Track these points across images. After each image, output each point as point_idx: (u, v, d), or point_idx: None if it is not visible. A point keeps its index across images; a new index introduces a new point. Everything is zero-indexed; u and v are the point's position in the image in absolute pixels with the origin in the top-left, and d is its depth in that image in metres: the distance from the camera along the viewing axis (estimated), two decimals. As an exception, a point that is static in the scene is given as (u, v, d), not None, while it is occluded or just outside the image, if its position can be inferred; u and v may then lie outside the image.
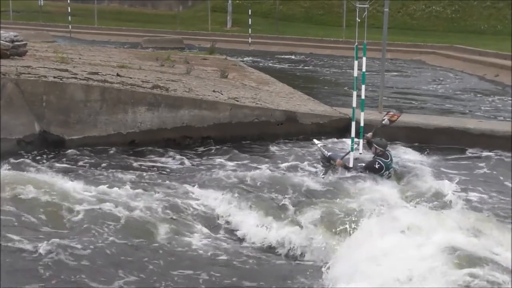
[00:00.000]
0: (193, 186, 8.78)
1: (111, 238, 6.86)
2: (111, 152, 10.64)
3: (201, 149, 11.07)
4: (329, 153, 10.35)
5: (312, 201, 8.24)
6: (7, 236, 6.63)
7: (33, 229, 6.93)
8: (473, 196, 8.91)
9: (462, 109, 16.05)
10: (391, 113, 10.24)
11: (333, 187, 8.87)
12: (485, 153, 11.05)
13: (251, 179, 9.02)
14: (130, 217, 7.35)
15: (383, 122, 10.18)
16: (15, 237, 6.62)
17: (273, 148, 11.23)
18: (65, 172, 9.15)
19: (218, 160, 10.42)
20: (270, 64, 25.87)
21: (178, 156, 10.58)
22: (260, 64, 25.06)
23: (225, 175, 9.22)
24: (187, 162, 10.33)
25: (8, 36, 13.08)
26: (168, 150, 10.84)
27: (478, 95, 18.52)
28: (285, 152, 11.02)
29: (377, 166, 9.18)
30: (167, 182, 9.00)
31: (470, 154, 11.11)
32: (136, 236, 6.99)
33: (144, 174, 9.43)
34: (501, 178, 9.80)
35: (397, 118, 10.21)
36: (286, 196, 8.42)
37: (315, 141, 11.25)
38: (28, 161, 9.64)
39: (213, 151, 10.94)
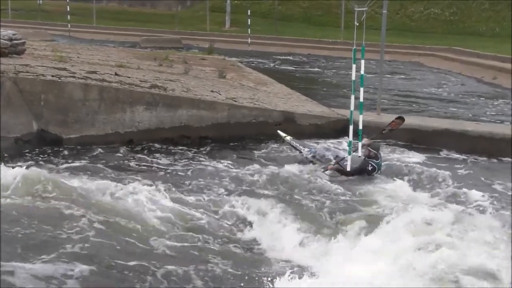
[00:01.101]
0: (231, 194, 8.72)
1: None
2: (126, 152, 10.61)
3: (207, 149, 11.06)
4: (305, 149, 10.24)
5: (343, 207, 8.23)
6: (128, 265, 6.22)
7: (142, 257, 6.48)
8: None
9: (468, 113, 15.68)
10: (393, 123, 10.19)
11: (355, 190, 8.92)
12: (457, 155, 11.08)
13: (268, 182, 9.14)
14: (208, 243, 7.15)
15: (384, 132, 10.20)
16: (136, 266, 6.22)
17: (272, 148, 11.19)
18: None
19: (222, 161, 10.36)
20: (270, 65, 25.87)
21: (192, 156, 10.58)
22: (265, 66, 25.09)
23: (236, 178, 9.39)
24: (200, 163, 10.25)
25: (7, 34, 13.06)
26: (184, 150, 10.85)
27: (481, 99, 18.34)
28: (286, 152, 10.99)
29: (370, 168, 9.44)
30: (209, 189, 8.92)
31: (444, 155, 11.15)
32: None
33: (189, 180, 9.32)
34: (483, 179, 9.84)
35: (399, 126, 10.22)
36: (317, 202, 8.42)
37: (281, 133, 10.97)
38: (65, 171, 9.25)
39: (214, 151, 10.92)
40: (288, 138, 10.82)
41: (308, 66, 26.42)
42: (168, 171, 9.78)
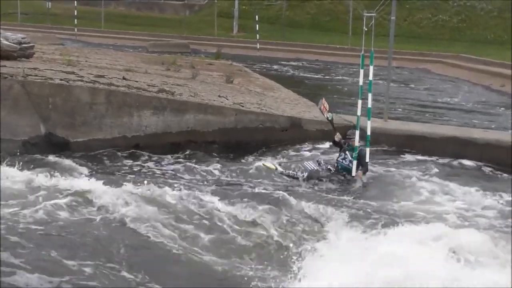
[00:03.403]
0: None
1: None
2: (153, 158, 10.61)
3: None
4: (304, 174, 9.85)
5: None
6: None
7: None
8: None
9: (494, 125, 15.06)
10: (321, 107, 10.31)
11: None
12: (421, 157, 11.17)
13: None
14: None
15: (329, 118, 10.26)
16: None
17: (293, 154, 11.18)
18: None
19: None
20: (274, 70, 25.89)
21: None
22: (288, 73, 25.13)
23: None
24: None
25: (16, 38, 13.15)
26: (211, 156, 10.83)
27: (501, 109, 17.93)
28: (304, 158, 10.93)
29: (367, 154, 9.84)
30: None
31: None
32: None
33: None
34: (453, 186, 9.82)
35: (325, 103, 10.27)
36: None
37: (269, 164, 10.23)
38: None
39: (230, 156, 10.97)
40: (279, 168, 10.20)
41: (313, 72, 26.34)
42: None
